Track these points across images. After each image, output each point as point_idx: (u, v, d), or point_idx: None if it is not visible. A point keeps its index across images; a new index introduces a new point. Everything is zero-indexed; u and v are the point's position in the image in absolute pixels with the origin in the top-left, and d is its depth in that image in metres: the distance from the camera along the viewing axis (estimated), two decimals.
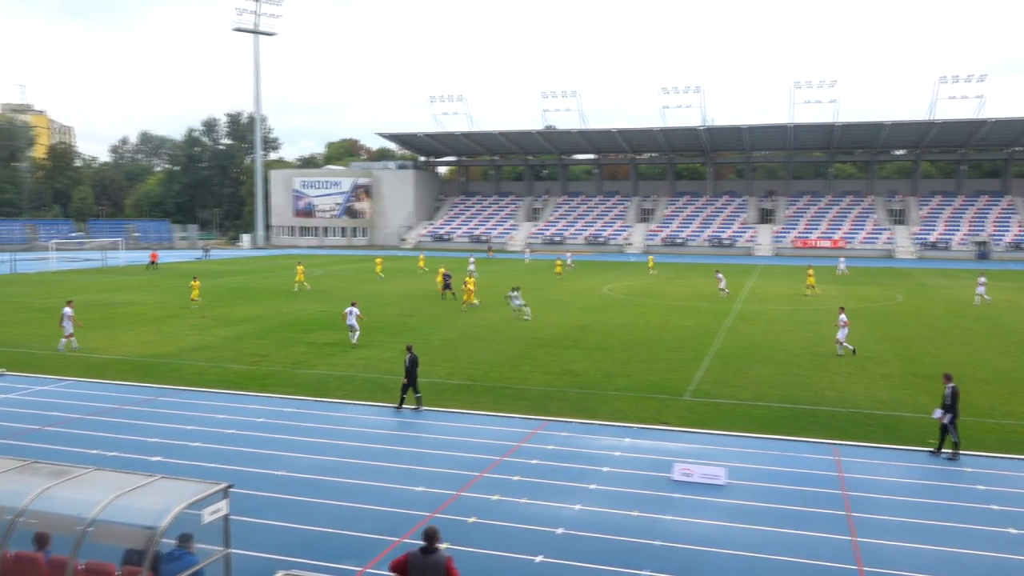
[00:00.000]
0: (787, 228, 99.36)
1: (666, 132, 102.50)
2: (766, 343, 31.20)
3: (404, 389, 21.07)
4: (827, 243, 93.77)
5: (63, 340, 29.18)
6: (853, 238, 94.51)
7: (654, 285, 54.36)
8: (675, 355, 28.59)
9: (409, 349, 21.18)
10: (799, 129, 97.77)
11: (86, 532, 9.34)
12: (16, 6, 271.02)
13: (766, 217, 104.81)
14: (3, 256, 74.56)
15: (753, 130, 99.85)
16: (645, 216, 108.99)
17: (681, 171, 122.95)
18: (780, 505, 14.71)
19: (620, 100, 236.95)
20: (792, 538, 13.26)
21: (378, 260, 64.10)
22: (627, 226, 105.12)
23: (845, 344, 28.92)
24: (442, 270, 48.82)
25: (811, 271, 51.81)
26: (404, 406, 21.16)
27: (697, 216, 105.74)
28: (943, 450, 17.54)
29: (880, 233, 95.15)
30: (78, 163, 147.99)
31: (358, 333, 30.41)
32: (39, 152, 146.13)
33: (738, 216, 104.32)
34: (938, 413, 17.55)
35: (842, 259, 68.40)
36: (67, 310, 29.45)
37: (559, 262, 65.90)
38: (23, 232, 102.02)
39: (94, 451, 17.37)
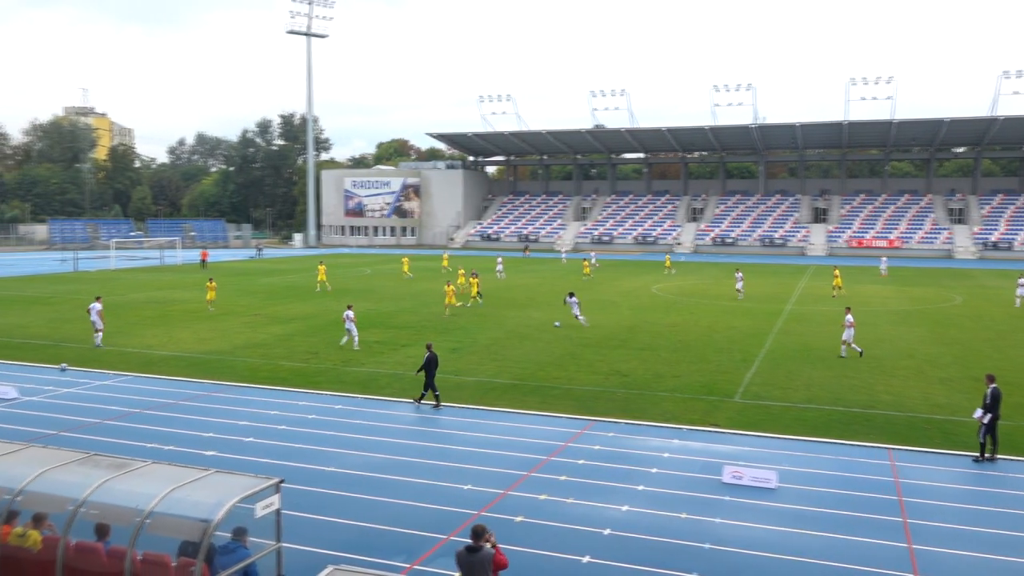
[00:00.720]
0: (841, 228, 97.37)
1: (717, 130, 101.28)
2: (818, 345, 30.63)
3: (425, 387, 21.51)
4: (883, 243, 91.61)
5: (98, 335, 30.09)
6: (910, 238, 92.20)
7: (704, 285, 53.76)
8: (725, 356, 28.24)
9: (429, 348, 21.64)
10: (854, 126, 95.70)
11: (143, 523, 9.59)
12: (79, 11, 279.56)
13: (819, 216, 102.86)
14: (66, 255, 76.94)
15: (806, 128, 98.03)
16: (695, 215, 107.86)
17: (732, 170, 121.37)
18: (833, 510, 14.42)
19: (670, 99, 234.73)
20: (845, 544, 12.99)
21: (404, 259, 64.27)
22: (677, 225, 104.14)
23: (853, 345, 28.21)
24: (462, 270, 49.06)
25: (837, 272, 50.35)
26: (423, 401, 21.58)
27: (748, 215, 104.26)
28: (985, 454, 17.13)
29: (939, 233, 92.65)
30: (137, 164, 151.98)
31: (356, 338, 29.59)
32: (101, 154, 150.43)
33: (790, 215, 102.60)
34: (978, 413, 17.22)
35: (884, 259, 66.87)
36: (96, 306, 30.42)
37: (585, 262, 64.65)
38: (85, 231, 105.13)
39: (151, 444, 17.82)
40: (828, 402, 21.91)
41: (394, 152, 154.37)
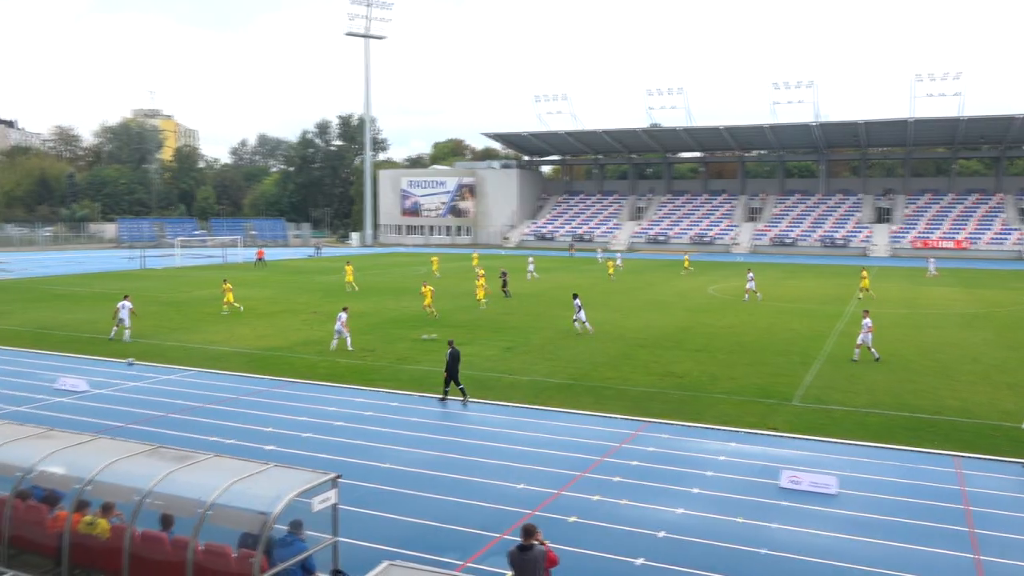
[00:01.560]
0: (905, 228, 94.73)
1: (776, 129, 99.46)
2: (881, 348, 29.82)
3: (446, 382, 21.88)
4: (949, 244, 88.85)
5: (126, 331, 30.93)
6: (978, 238, 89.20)
7: (762, 286, 52.85)
8: (783, 358, 27.73)
9: (451, 344, 22.12)
10: (920, 124, 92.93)
11: (206, 515, 9.84)
12: (145, 15, 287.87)
13: (883, 216, 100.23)
14: (134, 252, 79.34)
15: (870, 125, 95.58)
16: (753, 215, 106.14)
17: (791, 169, 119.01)
18: (895, 518, 14.05)
19: (728, 97, 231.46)
20: (908, 553, 12.65)
21: (434, 259, 64.29)
22: (734, 225, 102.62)
23: (872, 349, 27.32)
24: (482, 271, 49.06)
25: (865, 273, 48.64)
26: (448, 398, 21.91)
27: (808, 215, 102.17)
28: None
29: (1009, 233, 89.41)
30: (201, 165, 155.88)
31: (348, 339, 29.17)
32: (167, 155, 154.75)
33: (852, 215, 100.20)
34: None
35: (931, 260, 64.72)
36: (126, 303, 31.31)
37: (610, 263, 62.57)
38: (151, 230, 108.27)
39: (213, 438, 18.26)
40: (891, 407, 21.35)
41: (450, 152, 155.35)
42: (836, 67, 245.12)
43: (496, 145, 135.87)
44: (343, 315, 29.29)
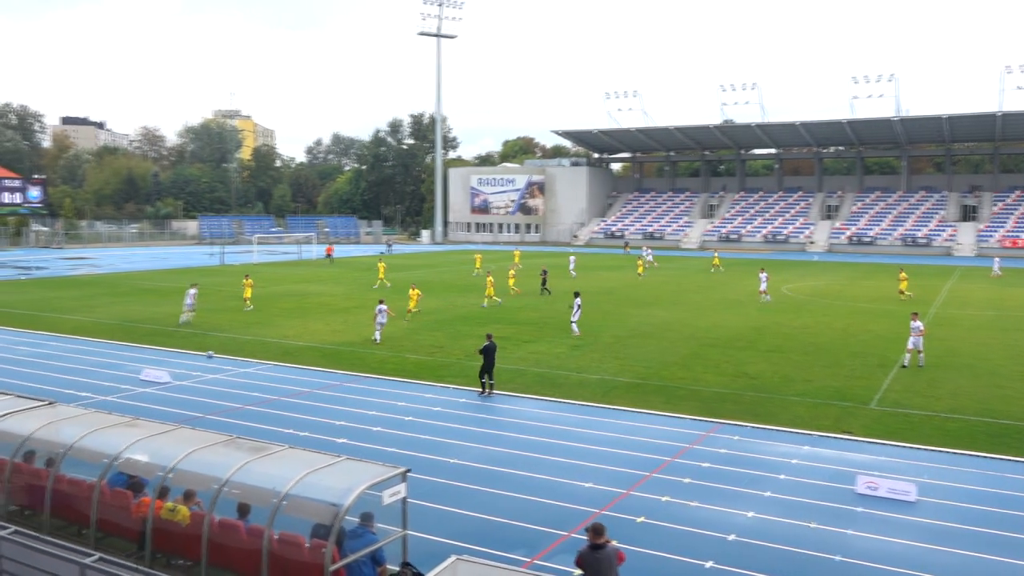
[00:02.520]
0: (993, 226, 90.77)
1: (855, 124, 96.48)
2: (966, 351, 28.75)
3: (481, 374, 22.30)
4: None
5: (190, 315, 34.62)
6: None
7: (839, 286, 51.45)
8: (860, 361, 26.94)
9: (488, 338, 22.60)
10: (1009, 118, 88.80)
11: (280, 505, 10.09)
12: (228, 17, 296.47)
13: (968, 214, 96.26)
14: (214, 249, 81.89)
15: (955, 120, 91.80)
16: (829, 213, 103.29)
17: (871, 165, 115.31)
18: (978, 528, 13.51)
19: (804, 92, 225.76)
20: (990, 565, 12.15)
21: (477, 256, 64.17)
22: (810, 223, 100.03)
23: (921, 354, 25.93)
24: (512, 271, 49.21)
25: (903, 275, 46.07)
26: (486, 391, 22.33)
27: (888, 213, 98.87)
28: None
29: None
30: (278, 163, 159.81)
31: (379, 332, 30.14)
32: (245, 154, 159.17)
33: (935, 213, 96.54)
34: None
35: (996, 259, 62.05)
36: (192, 290, 35.15)
37: (640, 260, 60.53)
38: (231, 227, 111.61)
39: (287, 430, 18.73)
40: (975, 412, 20.52)
41: (519, 150, 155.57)
42: (920, 60, 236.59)
43: (566, 143, 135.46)
44: (384, 307, 30.52)
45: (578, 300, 32.41)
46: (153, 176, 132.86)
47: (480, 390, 22.48)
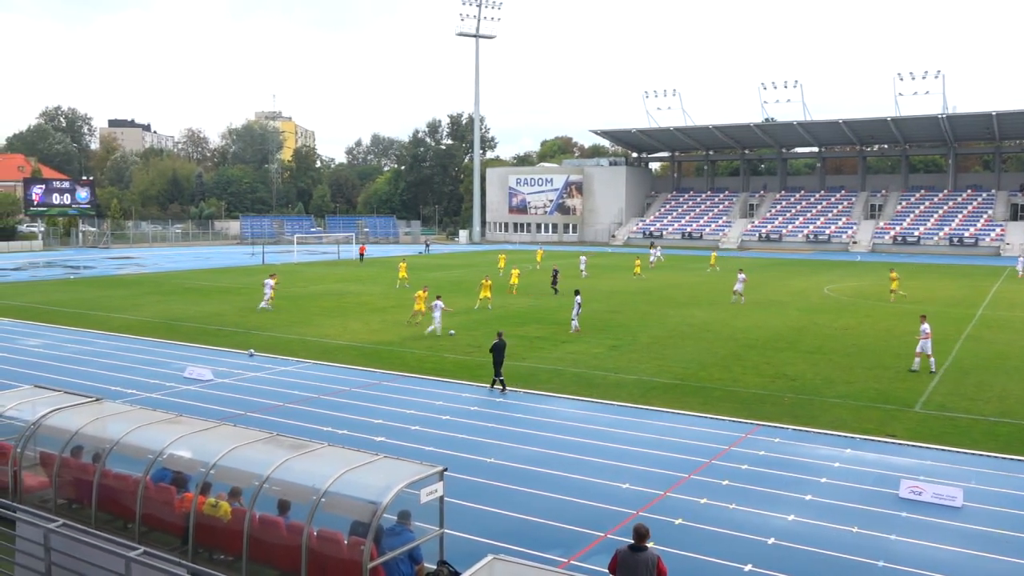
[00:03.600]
0: None
1: (900, 121, 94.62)
2: (1015, 354, 28.04)
3: (495, 371, 22.71)
4: None
5: (263, 304, 38.58)
6: None
7: (882, 287, 50.51)
8: (904, 363, 26.40)
9: (499, 335, 22.97)
10: None
11: (320, 502, 10.21)
12: (274, 19, 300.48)
13: (1018, 213, 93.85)
14: (255, 248, 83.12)
15: (1003, 116, 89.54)
16: (873, 212, 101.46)
17: (916, 163, 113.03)
18: None
19: (847, 90, 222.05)
20: None
21: (501, 256, 63.79)
22: (853, 223, 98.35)
23: (931, 358, 25.08)
24: (516, 270, 49.46)
25: (894, 274, 44.66)
26: (496, 386, 22.74)
27: (934, 212, 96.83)
28: None
29: None
30: (318, 164, 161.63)
31: (435, 326, 31.40)
32: (286, 155, 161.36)
33: (983, 212, 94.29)
34: None
35: (1021, 258, 60.46)
36: (269, 281, 39.42)
37: (638, 260, 59.04)
38: (271, 227, 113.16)
39: (326, 428, 18.93)
40: None
41: (557, 150, 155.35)
42: (967, 56, 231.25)
43: (604, 142, 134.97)
44: (440, 303, 31.60)
45: (578, 298, 32.79)
46: (197, 177, 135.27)
47: (492, 387, 22.87)
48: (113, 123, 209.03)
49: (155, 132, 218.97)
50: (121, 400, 18.51)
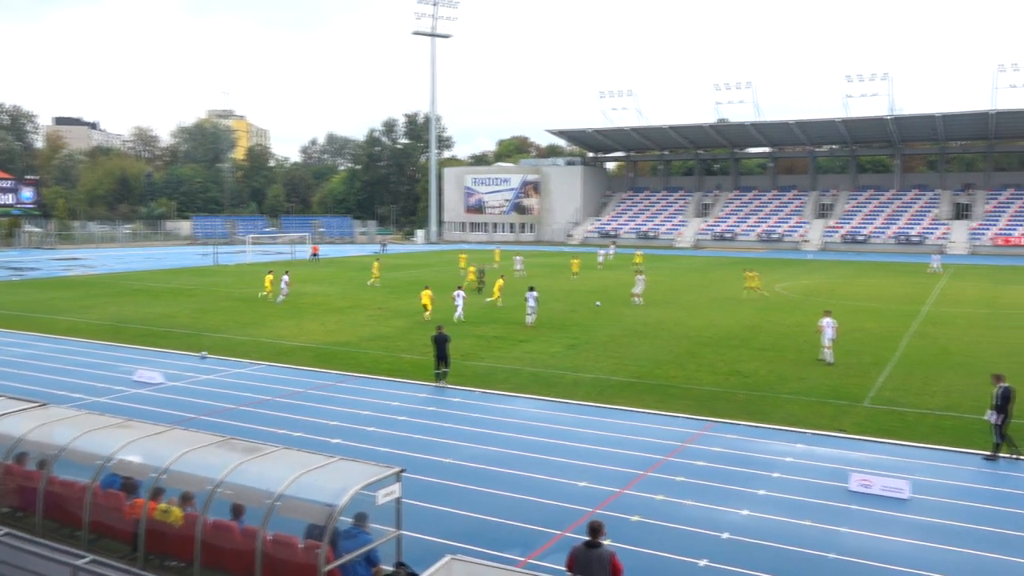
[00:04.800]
0: (986, 224, 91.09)
1: (849, 123, 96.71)
2: (959, 349, 28.84)
3: (436, 364, 23.34)
4: None
5: (280, 297, 41.45)
6: None
7: (832, 285, 51.59)
8: (854, 359, 27.00)
9: (439, 329, 23.69)
10: (1003, 116, 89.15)
11: (274, 506, 10.06)
12: (222, 20, 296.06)
13: (961, 212, 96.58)
14: (207, 249, 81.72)
15: (948, 118, 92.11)
16: (823, 212, 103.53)
17: (864, 164, 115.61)
18: (972, 525, 13.55)
19: (798, 91, 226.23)
20: (985, 562, 12.19)
21: (462, 256, 64.13)
22: (804, 222, 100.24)
23: (827, 350, 26.29)
24: (473, 267, 50.24)
25: (752, 273, 45.55)
26: (440, 381, 23.22)
27: (881, 211, 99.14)
28: (998, 453, 16.86)
29: None
30: (272, 163, 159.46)
31: (460, 314, 34.28)
32: (239, 154, 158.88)
33: (928, 211, 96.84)
34: (990, 415, 16.91)
35: (936, 256, 63.38)
36: (285, 277, 42.22)
37: (574, 260, 57.97)
38: (224, 227, 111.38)
39: (281, 431, 18.69)
40: (969, 410, 20.57)
41: (514, 149, 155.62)
42: (913, 59, 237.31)
43: (560, 142, 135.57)
44: (462, 292, 35.17)
45: (534, 293, 34.16)
46: (146, 176, 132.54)
47: (438, 380, 23.20)
48: (59, 121, 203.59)
49: (103, 130, 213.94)
50: (68, 405, 18.01)
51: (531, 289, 34.47)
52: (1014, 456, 16.86)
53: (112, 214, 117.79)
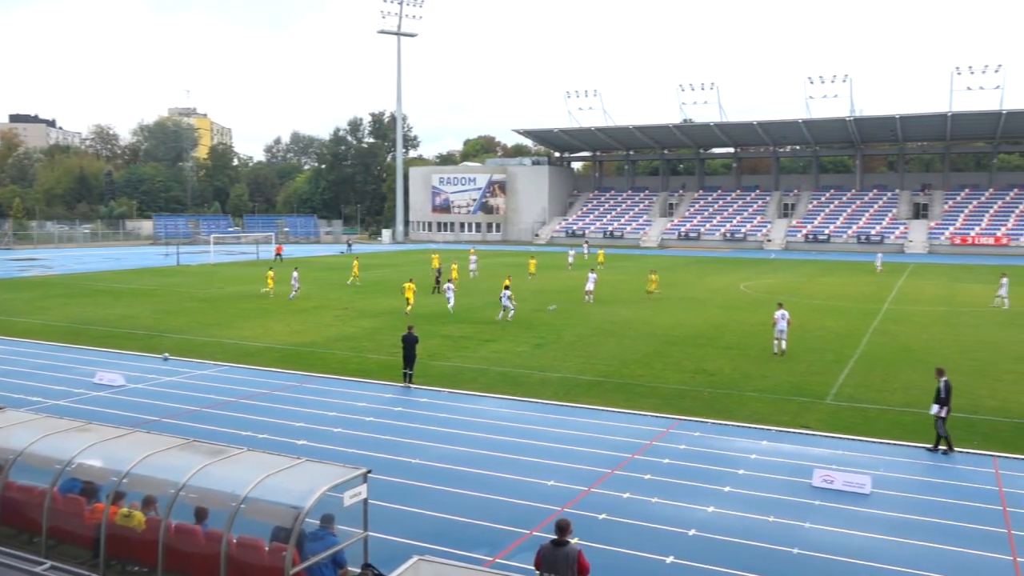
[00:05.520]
0: (943, 224, 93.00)
1: (811, 123, 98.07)
2: (918, 346, 29.40)
3: (405, 365, 23.35)
4: (989, 240, 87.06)
5: (293, 294, 43.17)
6: (1019, 235, 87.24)
7: (795, 284, 52.31)
8: (817, 356, 27.41)
9: (409, 329, 23.69)
10: (958, 118, 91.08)
11: (239, 508, 9.95)
12: (184, 18, 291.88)
13: (920, 212, 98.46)
14: (170, 249, 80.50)
15: (907, 119, 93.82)
16: (786, 211, 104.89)
17: (826, 164, 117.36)
18: (931, 518, 13.83)
19: (761, 92, 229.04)
20: (943, 554, 12.45)
21: (435, 256, 63.98)
22: (767, 222, 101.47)
23: (779, 341, 27.84)
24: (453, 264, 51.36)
25: (654, 276, 45.55)
26: (411, 384, 23.19)
27: (843, 211, 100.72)
28: (940, 447, 17.30)
29: None
30: (236, 163, 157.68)
31: (511, 311, 34.95)
32: (202, 152, 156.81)
33: (888, 211, 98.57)
34: (935, 408, 17.37)
35: (879, 255, 65.36)
36: (295, 273, 44.79)
37: (532, 261, 57.82)
38: (187, 227, 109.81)
39: (246, 432, 18.49)
40: (928, 406, 20.91)
41: (481, 149, 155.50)
42: (872, 61, 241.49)
43: (527, 142, 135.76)
44: (508, 291, 35.42)
45: (451, 284, 38.21)
46: (106, 175, 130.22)
47: (405, 381, 23.18)
48: (15, 118, 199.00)
49: (61, 128, 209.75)
50: (26, 408, 17.63)
51: (449, 281, 38.28)
52: (943, 450, 17.25)
53: (71, 214, 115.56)
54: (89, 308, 39.35)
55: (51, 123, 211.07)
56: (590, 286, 42.33)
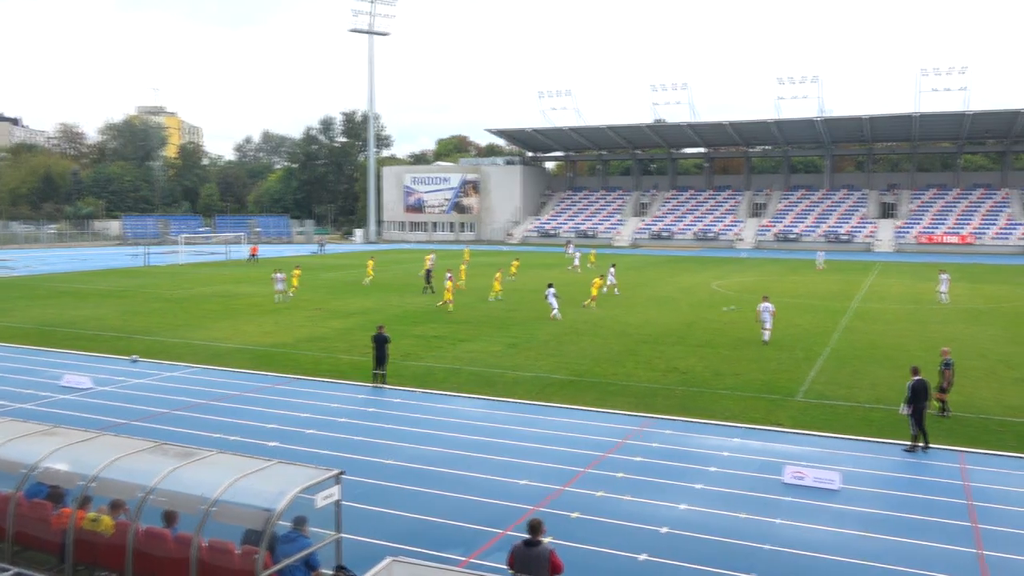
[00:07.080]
0: (910, 223, 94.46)
1: (781, 124, 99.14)
2: (886, 343, 29.82)
3: (375, 365, 23.31)
4: (954, 239, 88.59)
5: (290, 293, 42.99)
6: (984, 234, 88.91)
7: (766, 282, 52.82)
8: (787, 354, 27.70)
9: (380, 329, 23.55)
10: (925, 119, 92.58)
11: (209, 511, 9.85)
12: (151, 16, 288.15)
13: (887, 211, 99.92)
14: (138, 249, 79.41)
15: (875, 120, 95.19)
16: (757, 211, 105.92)
17: (796, 164, 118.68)
18: (899, 513, 14.05)
19: (732, 93, 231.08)
20: (911, 548, 12.65)
21: (427, 256, 63.58)
22: (738, 221, 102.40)
23: (765, 331, 29.65)
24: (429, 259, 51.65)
25: (598, 280, 43.21)
26: (383, 385, 23.11)
27: (812, 210, 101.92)
28: (917, 444, 17.47)
29: (1015, 228, 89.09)
30: (205, 162, 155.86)
31: (556, 310, 35.55)
32: (171, 152, 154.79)
33: (857, 210, 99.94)
34: (903, 408, 17.62)
35: (820, 253, 67.93)
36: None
37: (515, 263, 56.02)
38: (156, 227, 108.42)
39: (217, 435, 18.30)
40: (896, 402, 21.20)
41: (454, 148, 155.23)
42: (841, 62, 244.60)
43: (500, 141, 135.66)
44: (552, 290, 36.13)
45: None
46: (73, 175, 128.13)
47: (375, 381, 23.15)
48: None
49: (25, 127, 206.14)
50: None
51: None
52: (922, 447, 17.43)
53: (36, 214, 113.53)
54: (55, 309, 38.73)
55: (15, 121, 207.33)
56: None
